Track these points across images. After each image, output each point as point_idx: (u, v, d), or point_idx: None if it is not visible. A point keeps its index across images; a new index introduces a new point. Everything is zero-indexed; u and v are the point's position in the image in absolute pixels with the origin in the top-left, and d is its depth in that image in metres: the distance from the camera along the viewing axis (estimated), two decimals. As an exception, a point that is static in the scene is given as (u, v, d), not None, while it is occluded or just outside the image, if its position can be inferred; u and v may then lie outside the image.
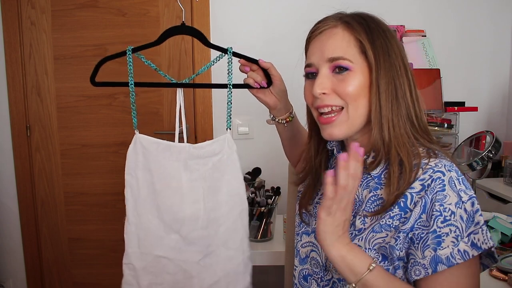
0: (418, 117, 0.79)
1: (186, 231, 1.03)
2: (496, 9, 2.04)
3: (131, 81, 1.03)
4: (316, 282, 0.88)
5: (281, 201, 1.60)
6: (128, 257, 1.06)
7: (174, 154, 1.01)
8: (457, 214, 0.70)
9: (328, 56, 0.78)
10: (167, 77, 1.09)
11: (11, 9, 1.95)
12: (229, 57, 1.02)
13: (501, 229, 1.33)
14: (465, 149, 1.85)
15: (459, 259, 0.68)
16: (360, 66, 0.77)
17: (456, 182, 0.72)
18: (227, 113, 1.03)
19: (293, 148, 1.12)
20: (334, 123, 0.79)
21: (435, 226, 0.70)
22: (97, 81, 1.05)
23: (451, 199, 0.70)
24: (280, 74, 1.02)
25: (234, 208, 1.03)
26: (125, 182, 1.04)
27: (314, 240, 0.89)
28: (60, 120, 2.04)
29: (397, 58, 0.78)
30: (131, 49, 1.03)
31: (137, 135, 1.03)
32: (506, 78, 2.10)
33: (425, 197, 0.71)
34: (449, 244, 0.69)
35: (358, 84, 0.77)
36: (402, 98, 0.77)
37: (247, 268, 1.06)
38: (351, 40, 0.78)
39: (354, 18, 0.80)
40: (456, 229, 0.69)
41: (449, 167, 0.73)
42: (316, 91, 0.78)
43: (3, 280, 2.11)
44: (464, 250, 0.68)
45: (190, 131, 2.03)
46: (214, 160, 1.01)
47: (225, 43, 1.99)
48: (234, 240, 1.04)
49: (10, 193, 2.07)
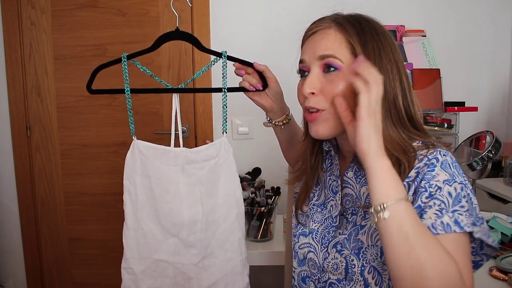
0: (414, 119, 0.79)
1: (185, 235, 1.03)
2: (496, 9, 2.04)
3: (127, 88, 1.03)
4: (314, 283, 0.88)
5: (281, 201, 1.60)
6: (127, 262, 1.06)
7: (172, 159, 1.02)
8: (444, 189, 0.69)
9: (319, 54, 0.78)
10: (163, 82, 1.09)
11: (11, 9, 1.95)
12: (224, 61, 1.02)
13: (501, 229, 1.33)
14: (465, 149, 1.85)
15: (441, 230, 0.66)
16: (350, 67, 0.77)
17: (450, 166, 0.72)
18: (223, 116, 1.03)
19: (291, 150, 1.12)
20: (318, 120, 0.79)
21: (419, 202, 0.70)
22: (93, 88, 1.06)
23: (440, 177, 0.70)
24: (275, 76, 1.02)
25: (231, 210, 1.04)
26: (124, 188, 1.05)
27: (311, 241, 0.89)
28: (60, 120, 2.04)
29: (389, 61, 0.78)
30: (126, 56, 1.03)
31: (134, 141, 1.04)
32: (506, 78, 2.10)
33: (416, 179, 0.72)
34: (431, 216, 0.68)
35: (346, 86, 0.76)
36: (392, 103, 0.77)
37: (245, 269, 1.08)
38: (343, 41, 0.78)
39: (349, 20, 0.80)
40: (441, 203, 0.69)
41: (444, 153, 0.73)
42: (305, 90, 0.78)
43: (3, 280, 2.11)
44: (447, 223, 0.67)
45: (190, 131, 2.03)
46: (211, 164, 1.02)
47: (225, 43, 2.01)
48: (231, 242, 1.05)
49: (10, 193, 2.07)
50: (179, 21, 1.94)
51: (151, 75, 1.08)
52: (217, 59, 1.05)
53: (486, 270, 1.16)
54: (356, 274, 0.79)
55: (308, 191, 0.93)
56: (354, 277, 0.79)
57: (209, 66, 1.07)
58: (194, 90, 0.98)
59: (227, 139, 1.03)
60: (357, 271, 0.79)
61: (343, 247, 0.82)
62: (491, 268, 1.16)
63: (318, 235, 0.88)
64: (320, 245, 0.87)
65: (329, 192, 0.90)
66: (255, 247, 1.52)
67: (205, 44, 1.96)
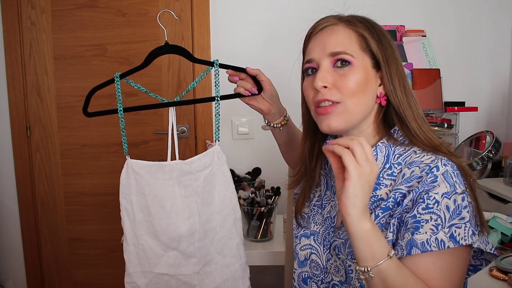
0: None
1: (185, 246, 1.04)
2: (496, 9, 2.04)
3: (120, 107, 1.04)
4: (316, 284, 0.88)
5: (281, 201, 1.60)
6: (131, 277, 1.07)
7: (167, 173, 1.02)
8: (442, 203, 0.70)
9: (330, 51, 0.78)
10: (158, 97, 1.09)
11: (11, 9, 1.95)
12: (216, 69, 1.02)
13: (501, 229, 1.33)
14: (465, 149, 1.85)
15: (434, 247, 0.68)
16: (361, 62, 0.78)
17: (452, 175, 0.72)
18: (215, 125, 1.03)
19: (290, 151, 1.12)
20: (332, 114, 0.78)
21: (415, 212, 0.71)
22: (90, 111, 1.09)
23: (440, 189, 0.70)
24: (269, 79, 1.02)
25: (228, 217, 1.05)
26: (120, 206, 1.05)
27: (313, 242, 0.89)
28: (60, 120, 2.04)
29: (399, 61, 0.80)
30: (118, 76, 1.04)
31: (128, 160, 1.04)
32: (506, 78, 2.10)
33: (416, 188, 0.72)
34: (427, 231, 0.69)
35: (359, 80, 0.77)
36: (412, 96, 0.79)
37: (245, 272, 1.09)
38: (353, 36, 0.78)
39: (355, 17, 0.81)
40: (438, 218, 0.69)
41: (445, 161, 0.73)
42: (318, 84, 0.77)
43: (3, 280, 2.11)
44: (441, 240, 0.68)
45: (190, 131, 2.03)
46: (205, 174, 1.02)
47: (224, 43, 2.01)
48: (230, 247, 1.06)
49: (10, 193, 2.07)
50: (180, 20, 1.94)
51: (145, 91, 1.08)
52: (210, 69, 1.05)
53: (486, 270, 1.16)
54: (353, 279, 0.79)
55: (307, 194, 0.93)
56: (352, 282, 0.79)
57: (202, 76, 1.08)
58: (188, 102, 1.00)
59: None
60: (354, 276, 0.79)
61: (339, 252, 0.82)
62: (491, 268, 1.15)
63: (319, 237, 0.88)
64: (322, 247, 0.87)
65: (331, 193, 0.90)
66: (255, 247, 1.52)
67: (205, 44, 1.97)
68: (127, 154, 1.05)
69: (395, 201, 0.75)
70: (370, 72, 0.79)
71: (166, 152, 1.08)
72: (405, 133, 0.79)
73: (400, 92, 0.78)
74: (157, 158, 1.08)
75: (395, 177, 0.78)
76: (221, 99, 1.02)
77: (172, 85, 2.00)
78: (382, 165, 0.80)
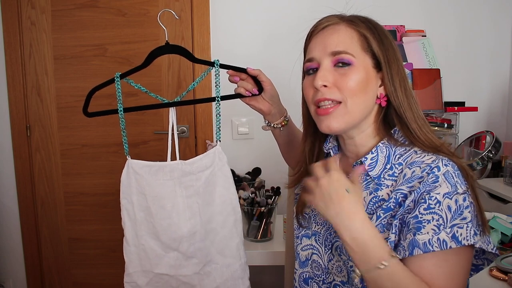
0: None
1: (185, 247, 1.04)
2: (496, 9, 2.04)
3: (120, 107, 1.04)
4: (318, 285, 0.88)
5: (281, 201, 1.60)
6: (130, 277, 1.07)
7: (168, 174, 1.02)
8: (443, 203, 0.70)
9: (331, 50, 0.78)
10: (159, 98, 1.09)
11: (11, 9, 1.95)
12: (216, 69, 1.02)
13: (501, 229, 1.33)
14: (465, 149, 1.85)
15: (436, 247, 0.68)
16: (362, 62, 0.78)
17: (453, 175, 0.72)
18: (216, 125, 1.03)
19: (290, 152, 1.11)
20: (332, 115, 0.78)
21: (417, 212, 0.71)
22: (90, 111, 1.09)
23: (441, 189, 0.70)
24: (270, 79, 1.02)
25: (228, 217, 1.05)
26: (121, 206, 1.05)
27: (314, 243, 0.89)
28: (60, 120, 2.04)
29: (400, 62, 0.80)
30: (119, 76, 1.03)
31: (129, 161, 1.04)
32: (506, 78, 2.10)
33: (418, 188, 0.72)
34: (429, 231, 0.69)
35: (359, 79, 0.77)
36: (413, 97, 0.79)
37: (245, 273, 1.09)
38: (354, 36, 0.78)
39: (357, 17, 0.81)
40: (440, 218, 0.69)
41: (446, 161, 0.73)
42: (318, 83, 0.77)
43: (3, 280, 2.11)
44: (443, 240, 0.68)
45: (190, 131, 2.02)
46: (206, 174, 1.02)
47: (224, 43, 2.01)
48: (230, 248, 1.06)
49: (10, 193, 2.07)
50: (180, 20, 1.94)
51: (145, 91, 1.07)
52: (210, 69, 1.05)
53: (486, 270, 1.16)
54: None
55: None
56: (354, 282, 0.79)
57: (203, 77, 1.07)
58: (188, 103, 0.99)
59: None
60: None
61: (341, 252, 0.82)
62: (491, 268, 1.15)
63: (321, 237, 0.87)
64: (323, 247, 0.87)
65: None
66: (255, 247, 1.52)
67: (205, 44, 1.97)
68: (127, 154, 1.05)
69: (397, 202, 0.75)
70: (371, 72, 0.79)
71: (166, 152, 1.07)
72: (405, 134, 0.79)
73: (401, 93, 0.78)
74: (157, 158, 1.08)
75: (396, 178, 0.78)
76: (222, 99, 1.02)
77: (172, 85, 2.00)
78: (383, 166, 0.80)
